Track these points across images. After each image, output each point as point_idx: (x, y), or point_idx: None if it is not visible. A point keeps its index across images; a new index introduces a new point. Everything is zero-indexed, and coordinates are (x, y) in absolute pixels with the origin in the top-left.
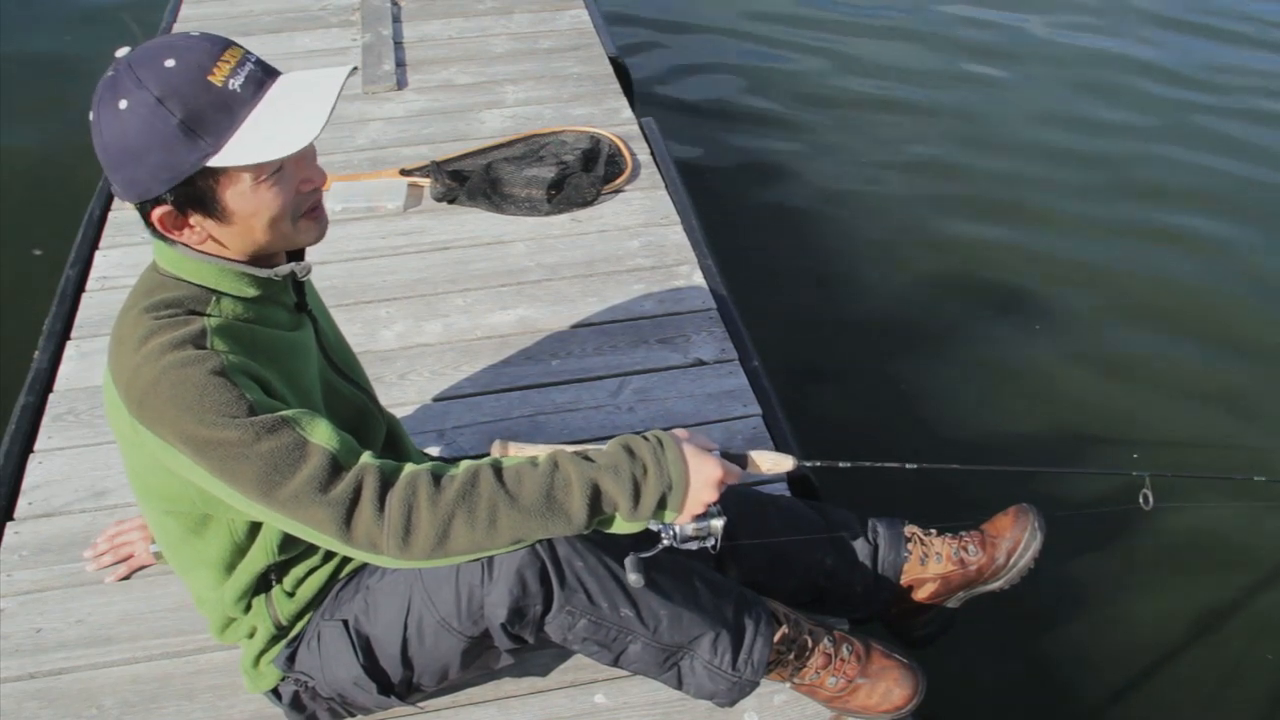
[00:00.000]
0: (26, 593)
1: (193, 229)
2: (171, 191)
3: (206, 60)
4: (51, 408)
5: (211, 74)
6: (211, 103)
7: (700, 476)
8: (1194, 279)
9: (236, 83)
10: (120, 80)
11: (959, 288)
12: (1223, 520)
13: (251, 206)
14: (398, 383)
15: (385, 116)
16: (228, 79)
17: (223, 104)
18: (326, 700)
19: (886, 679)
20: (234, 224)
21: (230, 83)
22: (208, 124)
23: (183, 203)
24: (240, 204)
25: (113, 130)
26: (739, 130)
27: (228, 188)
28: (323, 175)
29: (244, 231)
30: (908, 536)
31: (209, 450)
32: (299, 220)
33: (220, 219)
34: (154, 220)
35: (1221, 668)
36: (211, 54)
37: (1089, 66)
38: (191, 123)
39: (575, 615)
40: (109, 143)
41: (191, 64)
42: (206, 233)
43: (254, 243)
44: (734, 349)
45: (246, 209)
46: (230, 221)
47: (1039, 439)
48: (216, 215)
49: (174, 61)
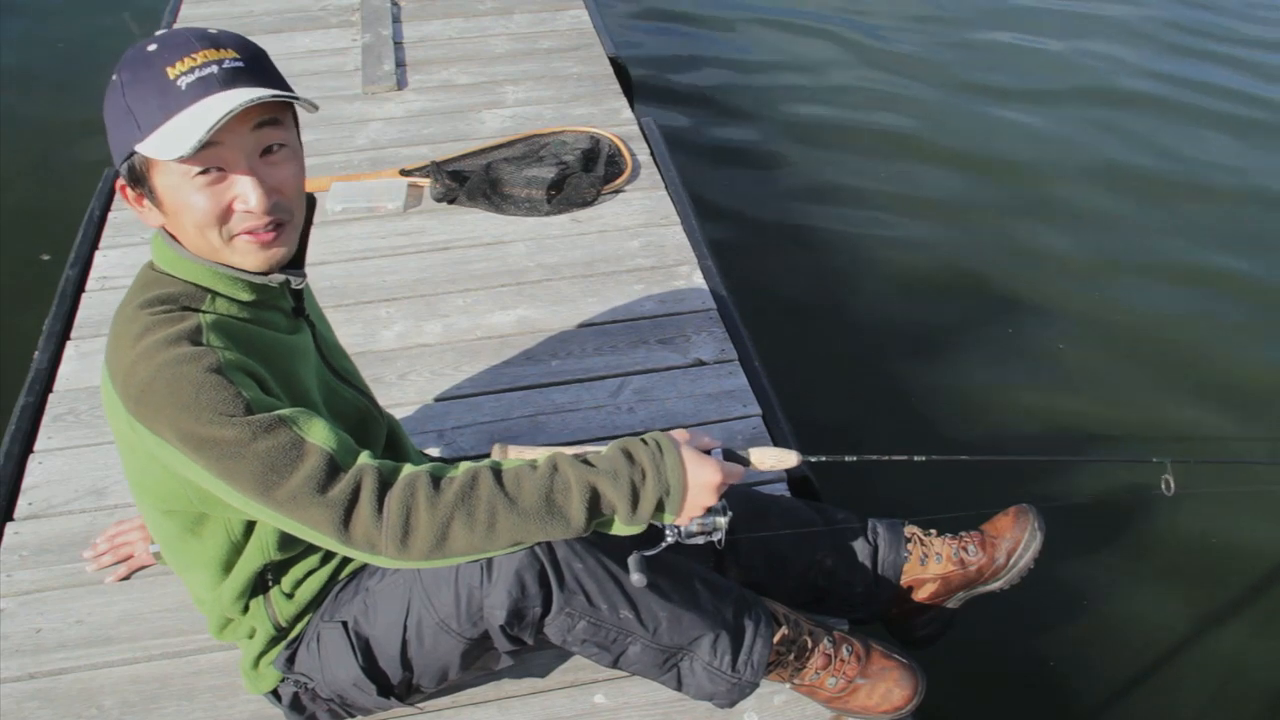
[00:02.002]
0: (26, 593)
1: (145, 209)
2: (124, 165)
3: (175, 54)
4: (51, 408)
5: (171, 66)
6: (155, 92)
7: (699, 481)
8: (1216, 266)
9: (186, 80)
10: (124, 58)
11: (960, 286)
12: (1235, 513)
13: (177, 204)
14: (397, 383)
15: (385, 116)
16: (181, 75)
17: (162, 96)
18: (326, 701)
19: (886, 679)
20: (169, 215)
21: (181, 80)
22: (144, 111)
23: (129, 179)
24: (169, 197)
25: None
26: (739, 131)
27: (158, 177)
28: (258, 200)
29: (181, 227)
30: (908, 537)
31: (206, 448)
32: (233, 238)
33: (159, 207)
34: (120, 189)
35: (1223, 668)
36: (186, 49)
37: (1089, 66)
38: (132, 106)
39: (574, 617)
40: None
41: (161, 54)
42: (160, 217)
43: (196, 244)
44: (734, 349)
45: (174, 204)
46: (166, 212)
47: (1047, 434)
48: (156, 202)
49: (155, 46)
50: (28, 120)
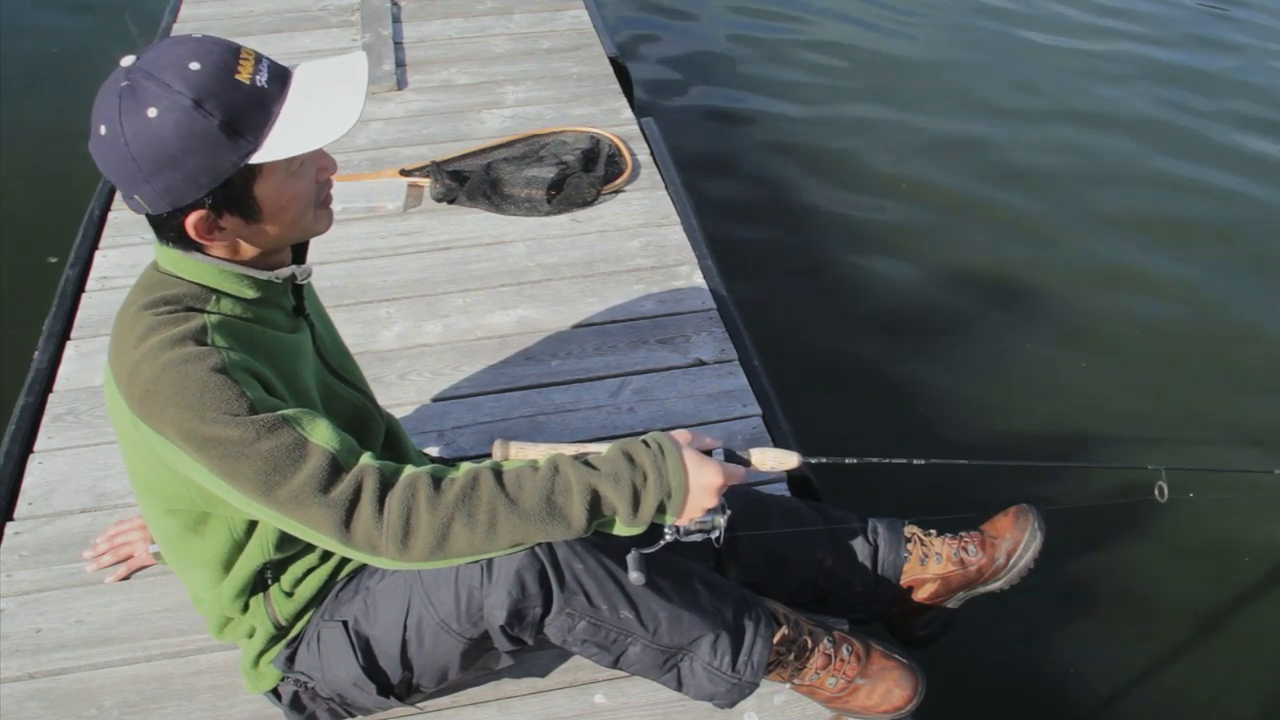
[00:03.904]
0: (26, 593)
1: (224, 231)
2: (210, 195)
3: (230, 60)
4: (51, 408)
5: (238, 73)
6: (247, 100)
7: (700, 483)
8: (1202, 272)
9: (262, 79)
10: (141, 88)
11: (961, 286)
12: (1231, 517)
13: (283, 200)
14: (397, 383)
15: (385, 116)
16: (254, 76)
17: (257, 100)
18: (326, 701)
19: (886, 679)
20: (263, 220)
21: (257, 79)
22: (247, 122)
23: (220, 205)
24: (271, 200)
25: (142, 140)
26: (739, 130)
27: (262, 185)
28: (333, 161)
29: (269, 228)
30: (908, 537)
31: (209, 448)
32: (317, 209)
33: (252, 218)
34: (188, 227)
35: (1223, 668)
36: (231, 54)
37: (1094, 55)
38: (232, 122)
39: (575, 617)
40: (138, 153)
41: (218, 65)
42: (233, 235)
43: (274, 238)
44: (734, 349)
45: (278, 203)
46: (260, 219)
47: (1045, 437)
48: (249, 214)
49: (199, 64)
50: (28, 120)
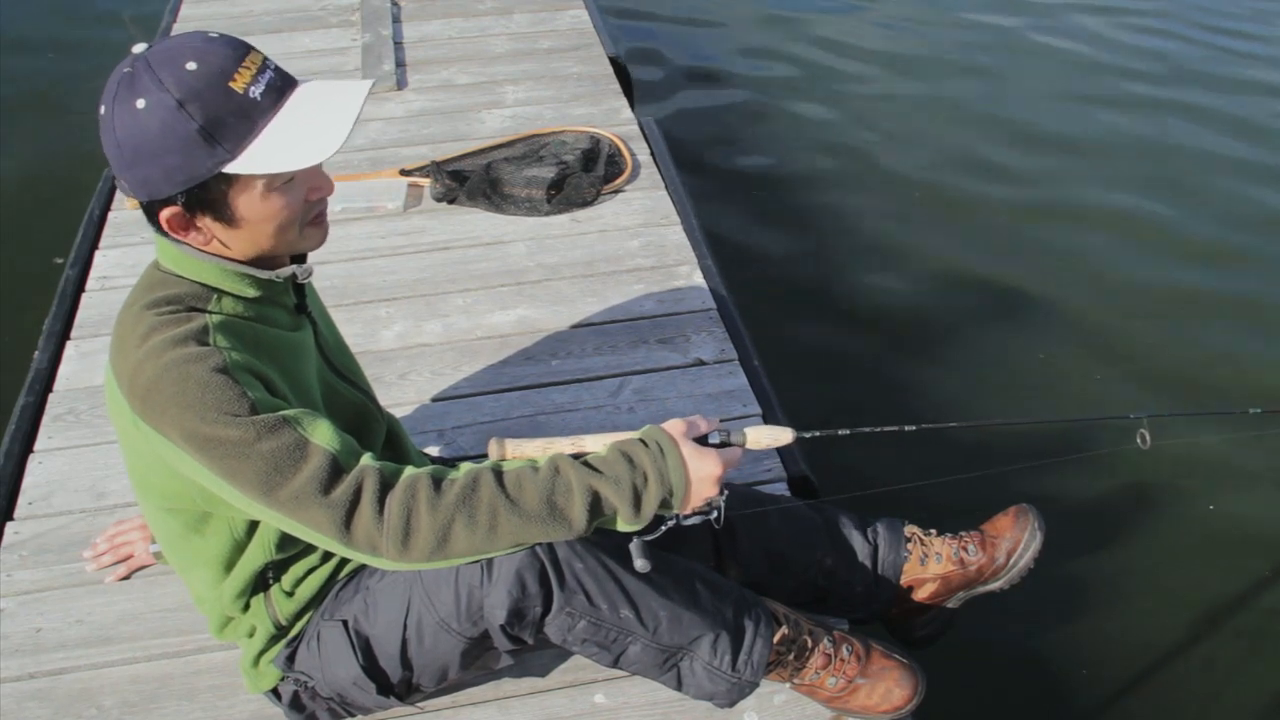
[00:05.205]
0: (26, 593)
1: (199, 231)
2: (183, 194)
3: (229, 65)
4: (51, 408)
5: (233, 80)
6: (232, 110)
7: (700, 476)
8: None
9: (257, 91)
10: (139, 78)
11: (961, 287)
12: (1235, 515)
13: (261, 214)
14: (398, 383)
15: (385, 116)
16: (249, 86)
17: (243, 112)
18: (326, 700)
19: (886, 679)
20: (241, 229)
21: (251, 90)
22: (227, 131)
23: (193, 205)
24: (250, 211)
25: (128, 129)
26: (739, 130)
27: (240, 194)
28: (330, 184)
29: (250, 236)
30: (907, 536)
31: (210, 448)
32: (305, 227)
33: (228, 223)
34: (161, 220)
35: (1224, 667)
36: (233, 59)
37: (1086, 60)
38: (211, 129)
39: (575, 617)
40: (123, 140)
41: (214, 68)
42: (212, 235)
43: (257, 247)
44: (734, 349)
45: (256, 216)
46: (238, 226)
47: (1046, 437)
48: (225, 220)
49: (196, 65)
50: (27, 121)
